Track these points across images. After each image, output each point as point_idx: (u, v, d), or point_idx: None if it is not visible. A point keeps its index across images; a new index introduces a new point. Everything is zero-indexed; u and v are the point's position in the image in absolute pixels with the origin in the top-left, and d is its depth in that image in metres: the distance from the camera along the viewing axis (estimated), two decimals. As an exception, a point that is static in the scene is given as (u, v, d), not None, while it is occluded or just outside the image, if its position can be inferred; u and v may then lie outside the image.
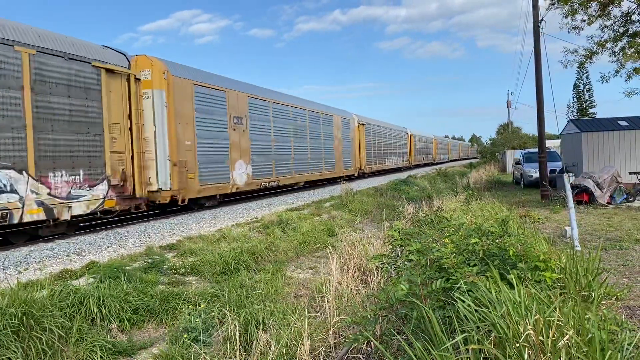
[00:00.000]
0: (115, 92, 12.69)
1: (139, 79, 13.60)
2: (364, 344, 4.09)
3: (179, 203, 14.68)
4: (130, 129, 13.14)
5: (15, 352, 4.56)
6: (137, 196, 13.29)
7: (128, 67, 13.21)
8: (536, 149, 20.84)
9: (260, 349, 4.32)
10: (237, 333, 4.44)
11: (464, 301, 3.32)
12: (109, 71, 12.48)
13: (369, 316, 4.10)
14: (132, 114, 13.17)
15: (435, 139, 69.47)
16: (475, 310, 3.23)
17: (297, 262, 9.09)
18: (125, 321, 5.85)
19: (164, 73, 14.14)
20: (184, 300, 6.41)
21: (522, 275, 3.84)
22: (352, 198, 17.38)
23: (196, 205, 16.23)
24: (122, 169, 12.82)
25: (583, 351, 2.90)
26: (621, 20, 17.29)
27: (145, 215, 15.22)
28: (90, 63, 11.92)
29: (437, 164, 65.54)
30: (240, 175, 17.81)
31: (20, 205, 10.04)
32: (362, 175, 34.54)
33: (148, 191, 13.74)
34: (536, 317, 3.00)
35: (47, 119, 10.73)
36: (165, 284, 7.37)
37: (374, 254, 7.00)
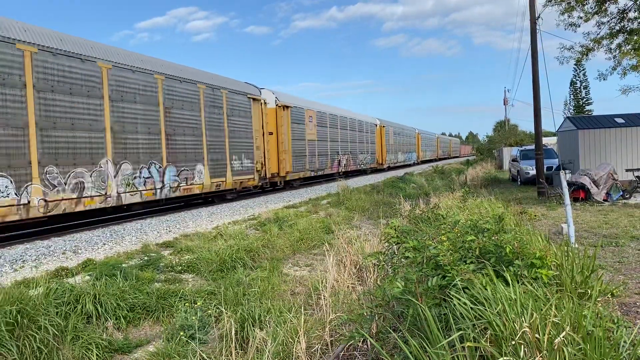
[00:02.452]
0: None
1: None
2: (360, 341, 4.09)
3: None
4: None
5: (10, 350, 4.54)
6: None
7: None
8: (533, 146, 20.86)
9: (257, 347, 4.32)
10: (233, 331, 4.43)
11: (459, 299, 3.32)
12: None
13: (365, 314, 4.09)
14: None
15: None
16: (471, 308, 3.22)
17: (293, 259, 9.08)
18: (122, 319, 5.83)
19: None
20: (180, 297, 6.40)
21: (519, 273, 3.83)
22: (349, 195, 17.37)
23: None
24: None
25: (579, 348, 2.90)
26: (617, 17, 17.30)
27: (142, 213, 15.18)
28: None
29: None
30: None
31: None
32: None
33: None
34: (532, 314, 3.00)
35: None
36: (162, 281, 7.35)
37: (371, 251, 7.00)
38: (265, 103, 21.63)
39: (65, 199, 11.31)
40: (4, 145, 10.10)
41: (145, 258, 8.42)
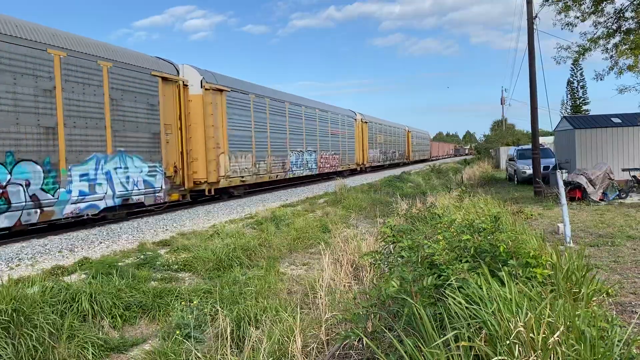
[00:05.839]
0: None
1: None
2: (356, 340, 4.10)
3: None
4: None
5: (5, 348, 4.53)
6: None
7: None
8: (530, 146, 20.91)
9: (252, 345, 4.32)
10: (229, 329, 4.43)
11: (454, 298, 3.33)
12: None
13: (360, 313, 4.10)
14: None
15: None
16: (466, 307, 3.23)
17: (290, 258, 9.08)
18: (118, 318, 5.82)
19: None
20: (176, 296, 6.39)
21: (513, 272, 3.84)
22: (346, 194, 17.38)
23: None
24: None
25: (573, 348, 2.91)
26: (614, 17, 17.33)
27: (140, 211, 15.17)
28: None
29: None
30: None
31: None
32: None
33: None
34: (527, 314, 3.01)
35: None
36: (158, 280, 7.34)
37: (367, 250, 7.01)
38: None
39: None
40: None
41: (142, 257, 8.40)
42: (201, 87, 16.87)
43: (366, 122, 38.70)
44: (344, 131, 33.67)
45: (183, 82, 16.00)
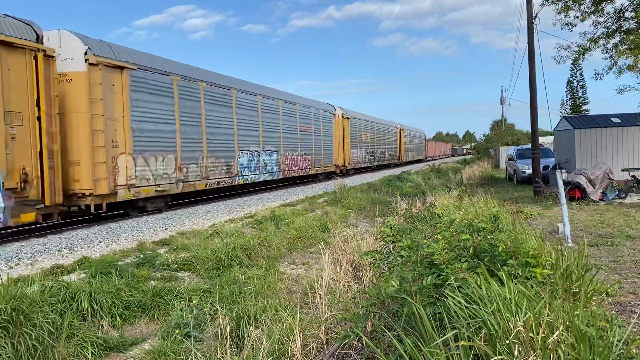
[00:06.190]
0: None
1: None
2: (355, 340, 4.10)
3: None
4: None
5: (4, 347, 4.53)
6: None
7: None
8: (529, 146, 20.92)
9: (252, 345, 4.32)
10: (228, 329, 4.43)
11: (454, 297, 3.33)
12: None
13: (360, 312, 4.10)
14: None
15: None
16: (466, 307, 3.23)
17: (290, 257, 9.08)
18: (117, 317, 5.82)
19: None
20: (176, 295, 6.39)
21: (513, 272, 3.84)
22: (345, 194, 17.38)
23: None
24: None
25: (572, 348, 2.91)
26: (614, 17, 17.33)
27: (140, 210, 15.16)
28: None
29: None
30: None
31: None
32: None
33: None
34: (526, 313, 3.01)
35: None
36: (158, 279, 7.34)
37: (367, 249, 7.01)
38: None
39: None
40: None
41: (141, 256, 8.40)
42: (85, 62, 12.27)
43: (348, 118, 34.23)
44: (319, 128, 28.98)
45: (46, 52, 11.05)
